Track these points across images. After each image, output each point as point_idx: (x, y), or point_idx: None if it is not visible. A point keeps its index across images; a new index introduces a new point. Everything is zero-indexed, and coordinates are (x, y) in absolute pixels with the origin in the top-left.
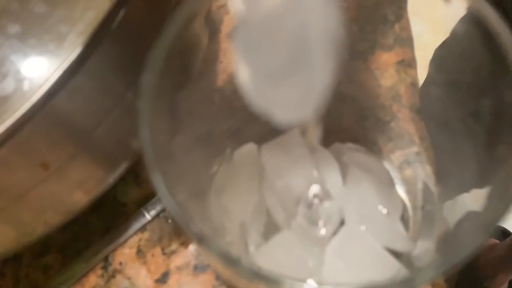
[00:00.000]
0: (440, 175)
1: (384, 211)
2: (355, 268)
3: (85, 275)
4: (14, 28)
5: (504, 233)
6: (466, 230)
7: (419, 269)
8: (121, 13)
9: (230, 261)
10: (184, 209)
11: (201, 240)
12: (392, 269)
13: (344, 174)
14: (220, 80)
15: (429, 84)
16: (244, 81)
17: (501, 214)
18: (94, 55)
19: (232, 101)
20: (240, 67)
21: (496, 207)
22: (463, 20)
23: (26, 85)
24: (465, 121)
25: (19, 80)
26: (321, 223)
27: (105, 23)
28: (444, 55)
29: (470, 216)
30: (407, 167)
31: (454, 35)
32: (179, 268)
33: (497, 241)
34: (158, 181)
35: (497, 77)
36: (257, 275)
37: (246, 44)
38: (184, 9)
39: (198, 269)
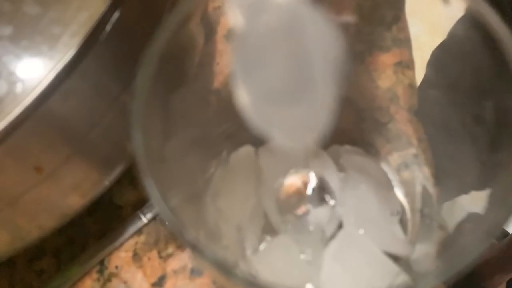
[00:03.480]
0: (439, 177)
1: (383, 214)
2: (353, 272)
3: (80, 279)
4: (6, 30)
5: (502, 233)
6: (467, 233)
7: (421, 276)
8: (116, 14)
9: (224, 269)
10: (178, 215)
11: (194, 248)
12: (391, 273)
13: (342, 177)
14: (217, 81)
15: (428, 86)
16: (243, 102)
17: (504, 219)
18: (88, 57)
19: (229, 103)
20: (239, 86)
21: (498, 211)
22: (461, 21)
23: (18, 88)
24: (465, 124)
25: (12, 83)
26: (311, 227)
27: (99, 25)
28: (442, 57)
29: (470, 218)
30: (405, 169)
31: (452, 36)
32: (175, 272)
33: (495, 241)
34: (150, 186)
35: (498, 80)
36: (251, 284)
37: (245, 61)
38: (179, 10)
39: (195, 272)
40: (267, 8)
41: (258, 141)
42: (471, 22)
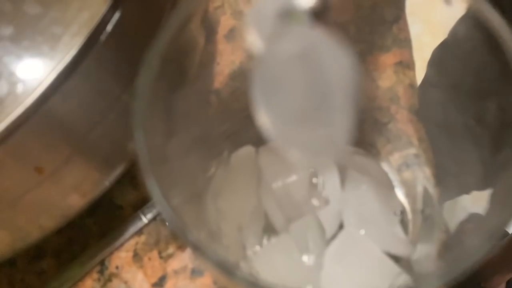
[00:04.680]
0: (440, 177)
1: (384, 214)
2: (354, 273)
3: (81, 279)
4: (7, 30)
5: (502, 233)
6: (468, 234)
7: (422, 277)
8: (116, 14)
9: (226, 269)
10: (179, 214)
11: (196, 248)
12: (392, 273)
13: (342, 177)
14: (217, 81)
15: (429, 86)
16: (263, 122)
17: (506, 220)
18: (89, 57)
19: (229, 103)
20: (258, 107)
21: (500, 212)
22: (462, 20)
23: (19, 88)
24: (466, 123)
25: (13, 83)
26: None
27: (100, 25)
28: (443, 56)
29: (471, 218)
30: (406, 169)
31: (453, 36)
32: (176, 272)
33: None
34: (152, 185)
35: (500, 80)
36: (252, 284)
37: (264, 83)
38: (180, 11)
39: (196, 272)
40: (286, 35)
41: (258, 141)
42: (472, 21)
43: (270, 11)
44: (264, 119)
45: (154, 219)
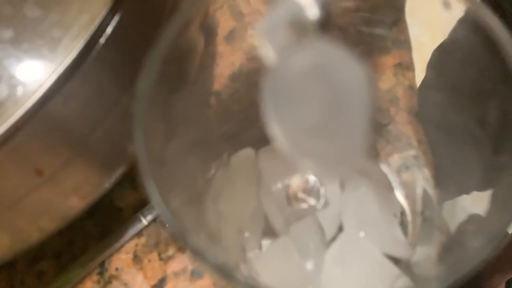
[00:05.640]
0: (439, 178)
1: (383, 216)
2: (353, 275)
3: (80, 281)
4: (7, 33)
5: None
6: (469, 236)
7: (423, 280)
8: (116, 17)
9: (225, 273)
10: (178, 217)
11: (195, 252)
12: (391, 275)
13: (342, 179)
14: (217, 83)
15: (428, 88)
16: (275, 134)
17: (508, 223)
18: (89, 60)
19: (229, 105)
20: (270, 120)
21: (501, 214)
22: (461, 23)
23: (19, 91)
24: (467, 126)
25: (13, 86)
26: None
27: (100, 27)
28: (442, 58)
29: (472, 219)
30: (406, 170)
31: (453, 38)
32: (176, 274)
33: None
34: (151, 188)
35: (500, 82)
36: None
37: (276, 96)
38: (181, 14)
39: (196, 274)
40: (299, 47)
41: (258, 143)
42: (471, 24)
43: (281, 23)
44: (276, 131)
45: (154, 220)
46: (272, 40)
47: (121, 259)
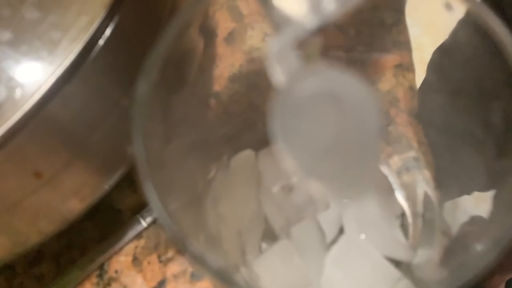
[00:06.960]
0: (440, 180)
1: (384, 218)
2: (354, 278)
3: (80, 283)
4: (5, 35)
5: None
6: (471, 239)
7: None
8: (115, 19)
9: (224, 278)
10: (177, 220)
11: (193, 256)
12: (392, 278)
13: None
14: (217, 84)
15: (428, 89)
16: (284, 155)
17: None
18: (88, 62)
19: (229, 106)
20: (279, 143)
21: (506, 216)
22: (462, 25)
23: (18, 93)
24: (468, 127)
25: (11, 88)
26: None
27: (98, 29)
28: (443, 60)
29: (474, 221)
30: (406, 172)
31: (453, 39)
32: (175, 276)
33: None
34: (150, 190)
35: (502, 84)
36: None
37: (285, 118)
38: (180, 15)
39: (195, 276)
40: (309, 73)
41: (258, 145)
42: (471, 25)
43: (289, 46)
44: (285, 153)
45: (153, 223)
46: (282, 63)
47: (120, 261)
